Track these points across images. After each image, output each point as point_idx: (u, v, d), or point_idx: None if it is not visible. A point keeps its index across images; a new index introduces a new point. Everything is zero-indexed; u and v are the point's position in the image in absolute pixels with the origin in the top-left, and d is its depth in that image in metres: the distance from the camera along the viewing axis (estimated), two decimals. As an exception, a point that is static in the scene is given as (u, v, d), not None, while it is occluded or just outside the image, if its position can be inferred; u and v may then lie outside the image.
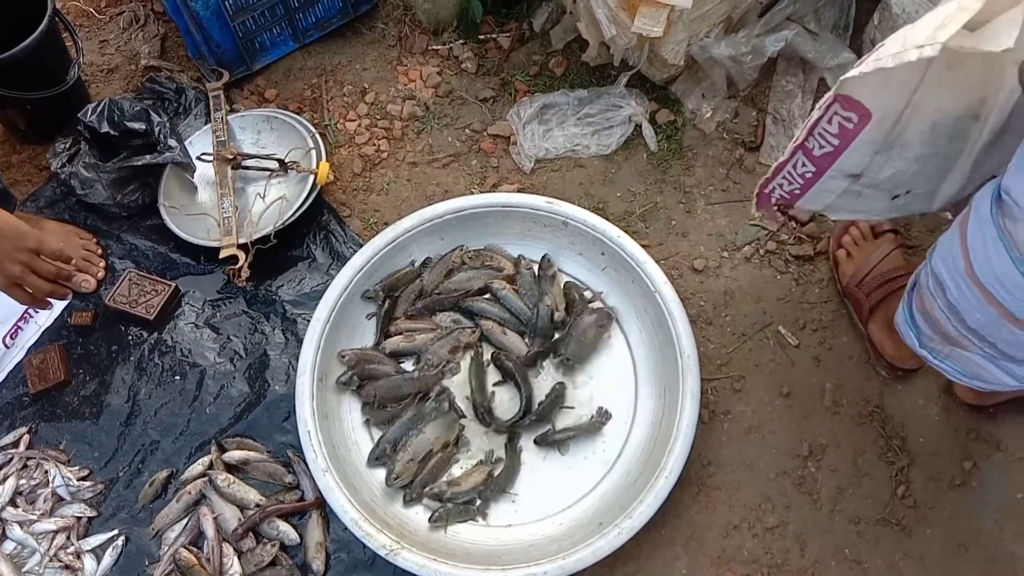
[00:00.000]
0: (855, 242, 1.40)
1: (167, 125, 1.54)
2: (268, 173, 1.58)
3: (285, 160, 1.55)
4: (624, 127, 1.62)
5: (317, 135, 1.60)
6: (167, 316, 1.48)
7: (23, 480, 1.33)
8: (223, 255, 1.47)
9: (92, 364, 1.45)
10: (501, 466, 1.30)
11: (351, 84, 1.76)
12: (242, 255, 1.46)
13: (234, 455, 1.33)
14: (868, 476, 1.27)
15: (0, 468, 1.34)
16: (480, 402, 1.32)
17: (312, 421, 1.27)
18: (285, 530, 1.26)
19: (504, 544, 1.24)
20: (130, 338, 1.47)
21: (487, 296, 1.45)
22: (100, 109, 1.53)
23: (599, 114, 1.62)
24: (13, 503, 1.31)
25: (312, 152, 1.57)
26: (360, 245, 1.48)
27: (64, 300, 1.29)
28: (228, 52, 1.70)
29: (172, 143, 1.53)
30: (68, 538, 1.29)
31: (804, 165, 1.04)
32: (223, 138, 1.61)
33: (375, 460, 1.30)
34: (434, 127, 1.69)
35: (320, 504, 1.27)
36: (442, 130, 1.69)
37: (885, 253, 1.34)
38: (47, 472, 1.33)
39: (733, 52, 1.51)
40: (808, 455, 1.29)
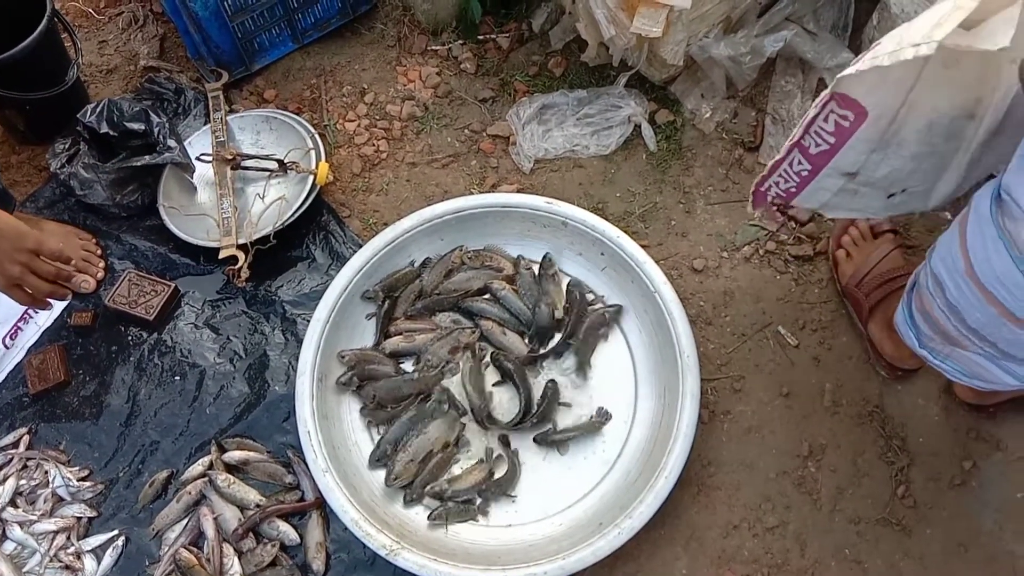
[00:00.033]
0: (854, 242, 1.40)
1: (166, 126, 1.54)
2: (267, 173, 1.58)
3: (284, 160, 1.56)
4: (623, 127, 1.62)
5: (316, 135, 1.60)
6: (167, 316, 1.48)
7: (23, 480, 1.33)
8: (223, 255, 1.47)
9: (92, 364, 1.45)
10: (502, 465, 1.30)
11: (350, 84, 1.76)
12: (241, 255, 1.46)
13: (234, 455, 1.33)
14: (868, 476, 1.27)
15: (0, 468, 1.34)
16: (479, 407, 1.32)
17: (312, 421, 1.27)
18: (285, 530, 1.26)
19: (504, 544, 1.24)
20: (130, 338, 1.47)
21: (487, 296, 1.45)
22: (99, 110, 1.53)
23: (598, 114, 1.62)
24: (13, 503, 1.31)
25: (311, 152, 1.57)
26: (359, 245, 1.48)
27: (64, 301, 1.29)
28: (227, 53, 1.70)
29: (171, 143, 1.53)
30: (68, 538, 1.29)
31: (800, 163, 1.04)
32: (222, 138, 1.61)
33: (376, 461, 1.30)
34: (433, 127, 1.69)
35: (320, 504, 1.27)
36: (441, 130, 1.69)
37: (884, 253, 1.34)
38: (47, 472, 1.33)
39: (732, 52, 1.51)
40: (808, 455, 1.30)
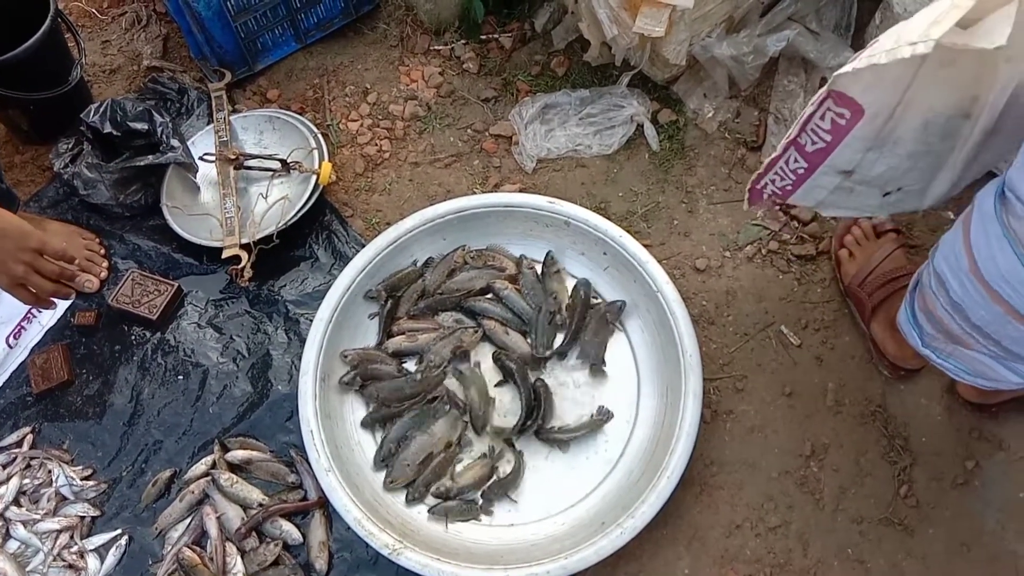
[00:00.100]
0: (857, 242, 1.40)
1: (169, 125, 1.54)
2: (270, 173, 1.58)
3: (287, 160, 1.56)
4: (626, 127, 1.62)
5: (319, 135, 1.61)
6: (170, 316, 1.49)
7: (27, 480, 1.33)
8: (226, 255, 1.48)
9: (95, 364, 1.45)
10: (505, 464, 1.30)
11: (353, 84, 1.76)
12: (245, 255, 1.47)
13: (237, 455, 1.33)
14: (871, 476, 1.27)
15: (4, 468, 1.34)
16: (479, 413, 1.32)
17: (315, 421, 1.27)
18: (288, 529, 1.26)
19: (506, 543, 1.24)
20: (133, 338, 1.48)
21: (489, 296, 1.45)
22: (103, 109, 1.53)
23: (601, 114, 1.62)
24: (17, 503, 1.32)
25: (314, 152, 1.58)
26: (362, 245, 1.48)
27: (67, 300, 1.29)
28: (230, 53, 1.70)
29: (175, 143, 1.53)
30: (72, 537, 1.29)
31: (796, 161, 1.04)
32: (225, 138, 1.61)
33: (381, 462, 1.30)
34: (436, 127, 1.70)
35: (323, 503, 1.27)
36: (444, 130, 1.69)
37: (887, 253, 1.34)
38: (51, 472, 1.34)
39: (735, 52, 1.51)
40: (810, 455, 1.29)
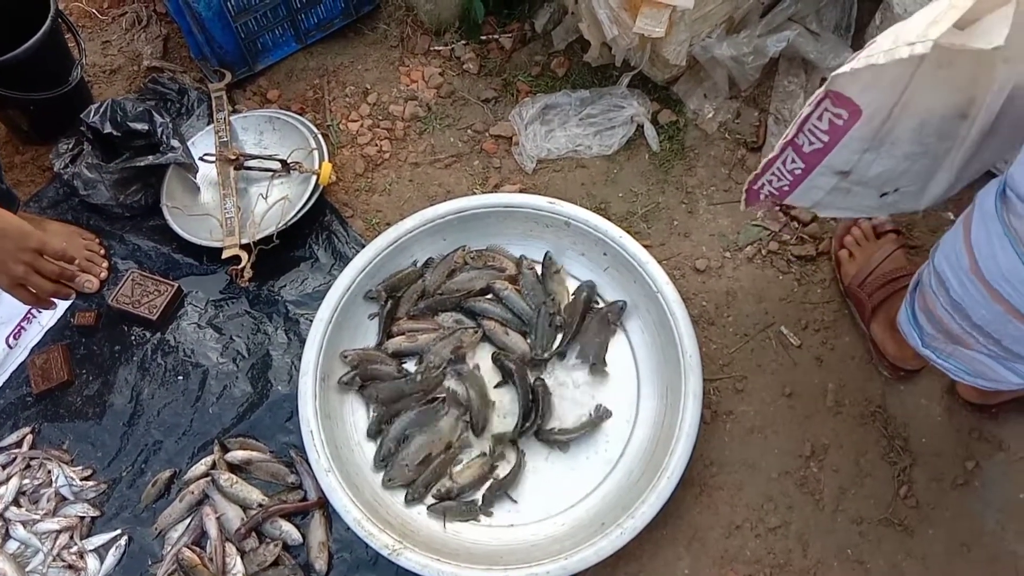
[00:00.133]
0: (857, 242, 1.40)
1: (170, 126, 1.54)
2: (270, 174, 1.58)
3: (287, 161, 1.56)
4: (626, 127, 1.62)
5: (319, 136, 1.61)
6: (170, 316, 1.48)
7: (26, 480, 1.33)
8: (226, 255, 1.48)
9: (95, 364, 1.45)
10: (505, 464, 1.30)
11: (353, 85, 1.76)
12: (245, 255, 1.47)
13: (237, 455, 1.33)
14: (870, 476, 1.27)
15: (4, 468, 1.34)
16: (478, 414, 1.32)
17: (315, 421, 1.27)
18: (288, 530, 1.26)
19: (506, 544, 1.24)
20: (133, 338, 1.48)
21: (489, 296, 1.45)
22: (103, 110, 1.54)
23: (601, 114, 1.63)
24: (16, 503, 1.32)
25: (314, 153, 1.58)
26: (362, 245, 1.48)
27: (67, 300, 1.30)
28: (230, 53, 1.70)
29: (175, 144, 1.53)
30: (71, 538, 1.29)
31: (793, 161, 1.04)
32: (226, 139, 1.61)
33: (381, 461, 1.30)
34: (436, 128, 1.70)
35: (323, 504, 1.27)
36: (444, 131, 1.69)
37: (887, 253, 1.34)
38: (50, 472, 1.34)
39: (735, 52, 1.51)
40: (810, 455, 1.29)
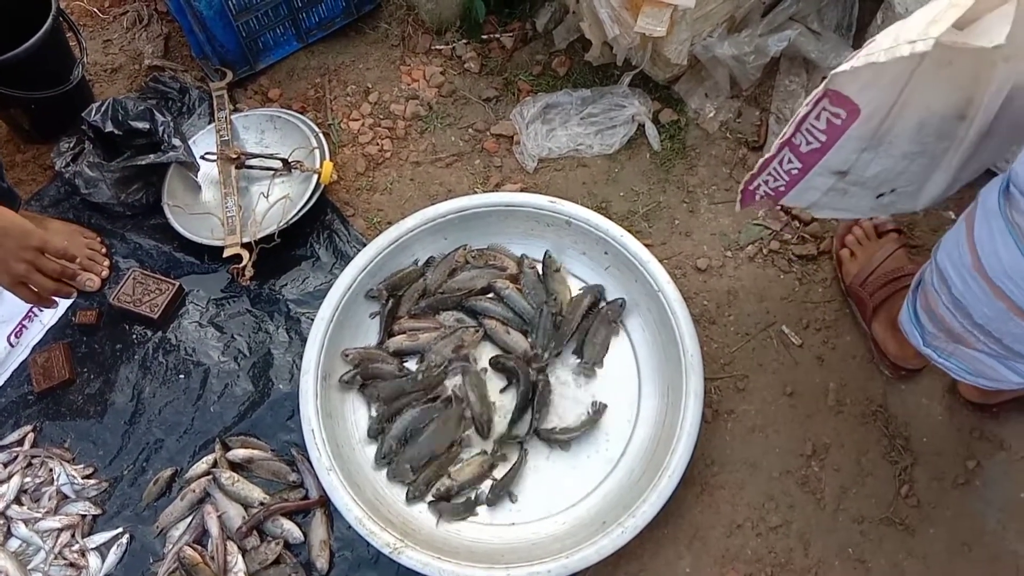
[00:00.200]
0: (859, 241, 1.40)
1: (171, 124, 1.55)
2: (272, 172, 1.58)
3: (289, 159, 1.56)
4: (627, 127, 1.62)
5: (320, 134, 1.61)
6: (171, 315, 1.49)
7: (28, 478, 1.33)
8: (227, 254, 1.48)
9: (96, 363, 1.45)
10: (505, 463, 1.30)
11: (354, 84, 1.76)
12: (246, 254, 1.47)
13: (238, 453, 1.33)
14: (872, 475, 1.27)
15: (5, 466, 1.34)
16: (481, 415, 1.32)
17: (316, 419, 1.27)
18: (289, 528, 1.26)
19: (507, 543, 1.24)
20: (134, 337, 1.48)
21: (490, 295, 1.45)
22: (104, 108, 1.54)
23: (602, 114, 1.63)
24: (18, 501, 1.32)
25: (316, 151, 1.58)
26: (363, 244, 1.48)
27: (69, 299, 1.30)
28: (232, 52, 1.70)
29: (176, 142, 1.53)
30: (73, 536, 1.29)
31: (790, 162, 1.04)
32: (227, 137, 1.61)
33: (382, 459, 1.30)
34: (437, 127, 1.70)
35: (324, 502, 1.27)
36: (445, 130, 1.69)
37: (889, 252, 1.34)
38: (52, 470, 1.34)
39: (736, 52, 1.51)
40: (811, 454, 1.29)
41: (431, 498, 1.28)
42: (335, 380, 1.35)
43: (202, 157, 1.59)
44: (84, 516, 1.30)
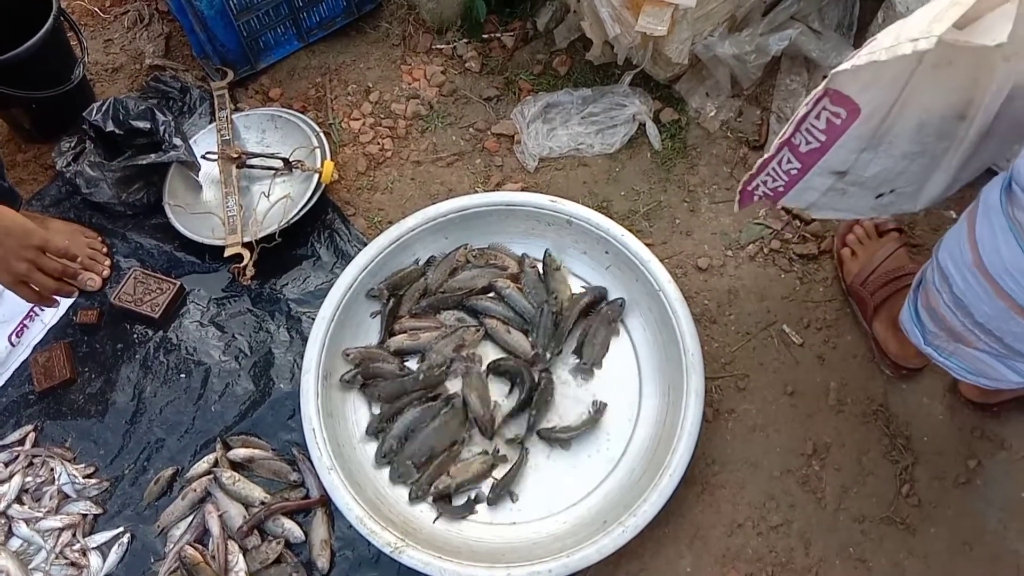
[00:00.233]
0: (860, 240, 1.40)
1: (172, 124, 1.55)
2: (273, 172, 1.58)
3: (290, 159, 1.56)
4: (628, 126, 1.62)
5: (321, 134, 1.61)
6: (172, 314, 1.49)
7: (29, 478, 1.34)
8: (228, 253, 1.48)
9: (97, 362, 1.46)
10: (506, 462, 1.30)
11: (355, 83, 1.76)
12: (247, 253, 1.47)
13: (239, 453, 1.33)
14: (872, 475, 1.27)
15: (6, 466, 1.34)
16: (483, 416, 1.32)
17: (317, 419, 1.27)
18: (290, 527, 1.26)
19: (508, 542, 1.24)
20: (135, 336, 1.48)
21: (491, 295, 1.45)
22: (105, 108, 1.54)
23: (603, 113, 1.62)
24: (19, 500, 1.32)
25: (316, 151, 1.58)
26: (364, 244, 1.48)
27: (70, 298, 1.30)
28: (232, 51, 1.70)
29: (177, 142, 1.53)
30: (74, 535, 1.29)
31: (789, 162, 1.03)
32: (228, 137, 1.61)
33: (382, 458, 1.30)
34: (438, 126, 1.70)
35: (325, 502, 1.27)
36: (446, 129, 1.69)
37: (890, 252, 1.34)
38: (53, 470, 1.34)
39: (737, 51, 1.51)
40: (812, 454, 1.29)
41: (431, 497, 1.28)
42: (336, 379, 1.35)
43: (203, 156, 1.59)
44: (85, 515, 1.30)
